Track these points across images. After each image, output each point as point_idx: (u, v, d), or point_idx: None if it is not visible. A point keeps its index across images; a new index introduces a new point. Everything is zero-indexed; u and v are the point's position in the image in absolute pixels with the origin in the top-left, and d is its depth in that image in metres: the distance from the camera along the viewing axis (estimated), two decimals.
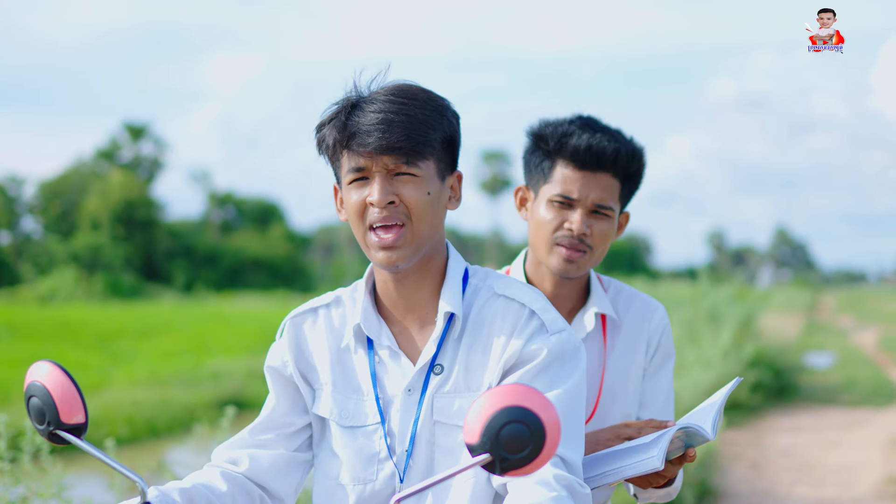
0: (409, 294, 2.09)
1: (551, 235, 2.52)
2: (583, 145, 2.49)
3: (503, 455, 1.60)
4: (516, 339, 2.01)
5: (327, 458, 2.14)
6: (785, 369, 15.52)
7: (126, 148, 59.46)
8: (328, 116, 2.06)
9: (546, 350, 1.99)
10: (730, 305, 16.72)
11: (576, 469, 1.95)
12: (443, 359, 2.06)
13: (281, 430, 2.18)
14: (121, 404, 13.17)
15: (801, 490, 8.74)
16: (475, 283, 2.11)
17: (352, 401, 2.11)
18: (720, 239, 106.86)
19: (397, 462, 2.05)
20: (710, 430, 2.17)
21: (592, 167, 2.50)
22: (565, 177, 2.52)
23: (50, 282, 39.69)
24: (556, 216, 2.52)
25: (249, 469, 2.15)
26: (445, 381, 2.05)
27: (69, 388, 1.84)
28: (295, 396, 2.19)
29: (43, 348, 18.89)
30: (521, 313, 2.03)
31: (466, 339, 2.05)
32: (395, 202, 1.99)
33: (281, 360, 2.19)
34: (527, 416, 1.59)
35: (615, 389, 2.57)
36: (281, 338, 2.21)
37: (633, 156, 2.54)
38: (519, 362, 2.00)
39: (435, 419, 2.04)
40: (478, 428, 1.61)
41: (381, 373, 2.10)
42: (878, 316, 37.59)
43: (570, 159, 2.51)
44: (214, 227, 62.01)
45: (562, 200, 2.52)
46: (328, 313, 2.19)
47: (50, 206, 53.54)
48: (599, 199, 2.51)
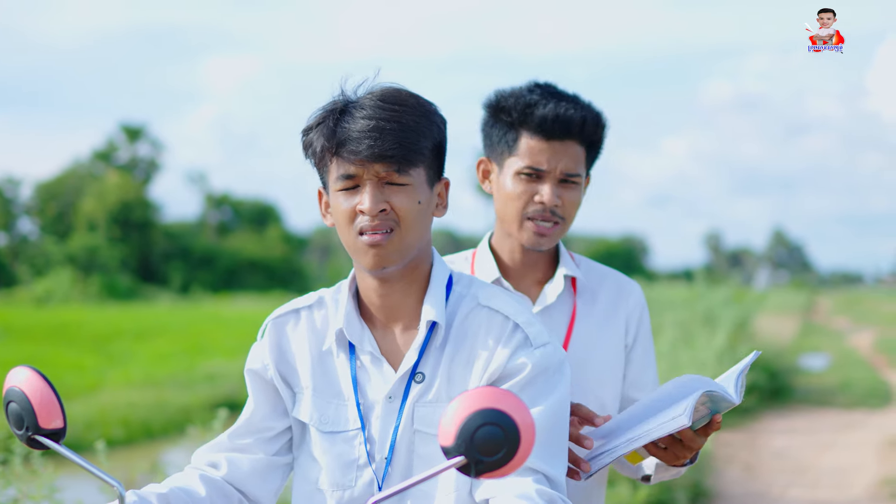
0: (393, 300, 2.07)
1: (522, 210, 2.48)
2: (549, 115, 2.44)
3: (478, 457, 1.61)
4: (501, 352, 1.99)
5: (306, 463, 2.13)
6: (780, 371, 15.52)
7: (123, 149, 59.34)
8: (315, 121, 2.03)
9: (531, 365, 1.97)
10: (725, 307, 16.76)
11: (559, 486, 1.94)
12: (424, 367, 2.04)
13: (260, 434, 2.16)
14: (116, 406, 13.16)
15: (795, 492, 8.74)
16: (459, 290, 2.10)
17: (332, 406, 2.09)
18: (717, 240, 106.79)
19: (376, 469, 2.04)
20: (735, 393, 2.13)
21: (560, 136, 2.46)
22: (532, 148, 2.47)
23: (46, 283, 39.61)
24: (525, 189, 2.48)
25: (229, 473, 2.14)
26: (427, 390, 2.03)
27: (47, 394, 1.84)
28: (275, 400, 2.17)
29: (39, 350, 18.85)
30: (506, 326, 2.02)
31: (449, 348, 2.04)
32: (385, 210, 1.97)
33: (262, 363, 2.16)
34: (501, 419, 1.60)
35: (583, 358, 2.51)
36: (262, 339, 2.18)
37: (597, 122, 2.51)
38: (504, 376, 1.99)
39: (415, 428, 2.02)
40: (452, 430, 1.62)
41: (362, 378, 2.08)
42: (874, 317, 37.58)
43: (536, 130, 2.46)
44: (211, 228, 61.93)
45: (530, 172, 2.47)
46: (310, 315, 2.16)
47: (46, 207, 53.44)
48: (568, 168, 2.47)
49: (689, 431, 2.20)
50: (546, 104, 2.46)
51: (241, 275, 53.63)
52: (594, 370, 2.53)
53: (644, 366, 2.60)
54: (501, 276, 2.56)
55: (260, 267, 54.69)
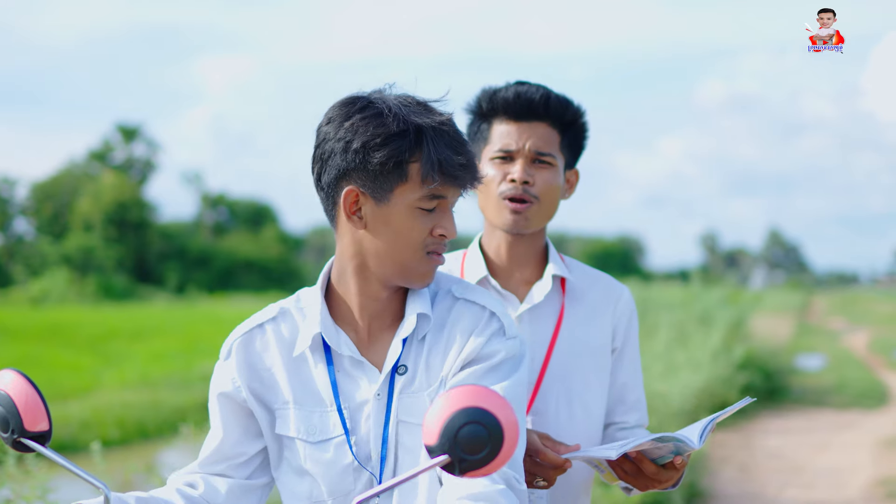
0: (381, 304, 2.08)
1: (496, 191, 2.52)
2: (511, 96, 2.52)
3: (461, 456, 1.62)
4: (476, 337, 2.02)
5: (292, 481, 2.09)
6: (775, 371, 15.56)
7: (118, 149, 59.29)
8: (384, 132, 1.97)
9: (504, 351, 2.02)
10: (721, 307, 16.77)
11: (515, 464, 1.96)
12: (406, 360, 2.05)
13: (231, 461, 2.11)
14: (112, 406, 13.14)
15: (790, 492, 8.75)
16: (434, 287, 2.12)
17: (315, 414, 2.06)
18: (713, 241, 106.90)
19: (372, 468, 2.03)
20: (698, 440, 2.16)
21: (526, 117, 2.52)
22: (501, 132, 2.54)
23: (42, 283, 39.55)
24: (498, 171, 2.53)
25: (206, 492, 2.10)
26: (411, 381, 2.04)
27: (33, 397, 1.85)
28: (246, 423, 2.11)
29: (34, 350, 18.84)
30: (482, 314, 2.05)
31: (428, 339, 2.06)
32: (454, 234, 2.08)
33: (233, 385, 2.09)
34: (485, 417, 1.61)
35: (569, 359, 2.53)
36: (228, 359, 2.10)
37: (565, 103, 2.54)
38: (478, 358, 2.02)
39: (399, 419, 2.02)
40: (436, 429, 1.63)
41: (342, 382, 2.06)
42: (870, 318, 37.64)
43: (503, 114, 2.53)
44: (207, 228, 61.90)
45: (502, 156, 2.53)
46: (276, 328, 2.11)
47: (42, 207, 53.38)
48: (537, 147, 2.51)
49: (651, 466, 2.28)
50: (509, 88, 2.54)
51: (237, 275, 53.62)
52: (580, 371, 2.53)
53: (632, 368, 2.60)
54: (489, 275, 2.57)
55: (256, 267, 54.67)
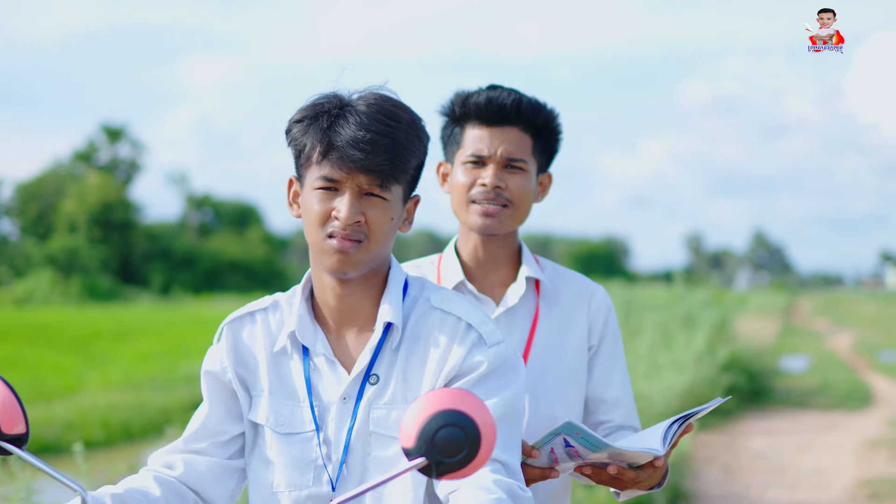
0: (350, 302, 2.09)
1: (467, 195, 2.53)
2: (483, 101, 2.52)
3: (439, 459, 1.62)
4: (456, 351, 2.02)
5: (259, 468, 2.14)
6: (759, 373, 15.61)
7: (103, 150, 59.02)
8: (306, 115, 2.04)
9: (486, 362, 2.00)
10: (705, 309, 16.82)
11: (515, 473, 1.96)
12: (379, 368, 2.06)
13: (215, 438, 2.16)
14: (96, 407, 13.07)
15: (773, 493, 8.79)
16: (413, 293, 2.12)
17: (287, 407, 2.10)
18: (698, 242, 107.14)
19: (331, 470, 2.05)
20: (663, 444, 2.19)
21: (498, 121, 2.52)
22: (474, 137, 2.54)
23: (26, 284, 39.37)
24: (469, 176, 2.53)
25: (184, 474, 2.14)
26: (382, 391, 2.05)
27: (9, 399, 1.83)
28: (231, 403, 2.16)
29: (18, 351, 18.74)
30: (458, 326, 2.04)
31: (404, 350, 2.06)
32: (360, 221, 2.00)
33: (220, 365, 2.16)
34: (461, 420, 1.61)
35: (546, 360, 2.54)
36: (219, 342, 2.18)
37: (537, 107, 2.55)
38: (459, 374, 2.01)
39: (371, 430, 2.04)
40: (413, 432, 1.63)
41: (315, 380, 2.09)
42: (854, 319, 37.80)
43: (475, 118, 2.54)
44: (192, 229, 61.70)
45: (474, 160, 2.53)
46: (266, 318, 2.17)
47: (26, 207, 53.12)
48: (509, 153, 2.52)
49: (629, 472, 2.27)
50: (482, 93, 2.54)
51: (222, 276, 53.45)
52: (556, 372, 2.55)
53: (611, 365, 2.61)
54: (465, 279, 2.58)
55: (241, 268, 54.52)
